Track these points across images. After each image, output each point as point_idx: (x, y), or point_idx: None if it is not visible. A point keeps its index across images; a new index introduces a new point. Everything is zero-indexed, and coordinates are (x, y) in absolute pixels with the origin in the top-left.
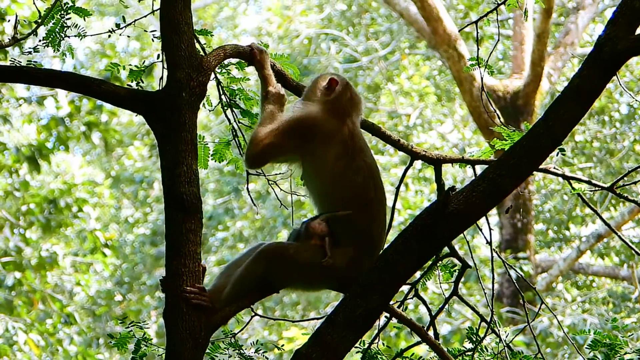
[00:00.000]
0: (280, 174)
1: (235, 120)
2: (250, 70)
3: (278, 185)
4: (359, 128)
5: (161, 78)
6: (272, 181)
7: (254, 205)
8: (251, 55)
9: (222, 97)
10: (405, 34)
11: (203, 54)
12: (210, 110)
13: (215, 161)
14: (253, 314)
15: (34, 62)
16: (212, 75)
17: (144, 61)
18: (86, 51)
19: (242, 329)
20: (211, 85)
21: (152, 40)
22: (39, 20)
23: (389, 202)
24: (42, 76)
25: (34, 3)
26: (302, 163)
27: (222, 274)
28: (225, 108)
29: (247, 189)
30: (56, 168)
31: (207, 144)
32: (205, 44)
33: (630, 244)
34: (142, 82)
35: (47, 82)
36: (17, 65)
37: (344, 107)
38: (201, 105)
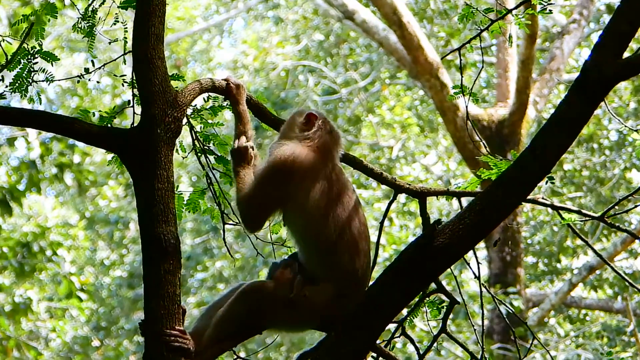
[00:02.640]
0: None
1: (209, 167)
2: (224, 115)
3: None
4: (339, 163)
5: (134, 114)
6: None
7: (230, 255)
8: (227, 90)
9: (196, 142)
10: (385, 63)
11: (177, 89)
12: (183, 158)
13: (189, 212)
14: (235, 357)
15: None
16: (185, 120)
17: (114, 107)
18: (57, 89)
19: None
20: (184, 131)
21: (122, 84)
22: (4, 64)
23: (373, 238)
24: (14, 115)
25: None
26: (282, 205)
27: (202, 316)
28: (199, 154)
29: (224, 238)
30: (28, 211)
31: (181, 193)
32: (181, 76)
33: (623, 275)
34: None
35: (19, 122)
36: None
37: (324, 142)
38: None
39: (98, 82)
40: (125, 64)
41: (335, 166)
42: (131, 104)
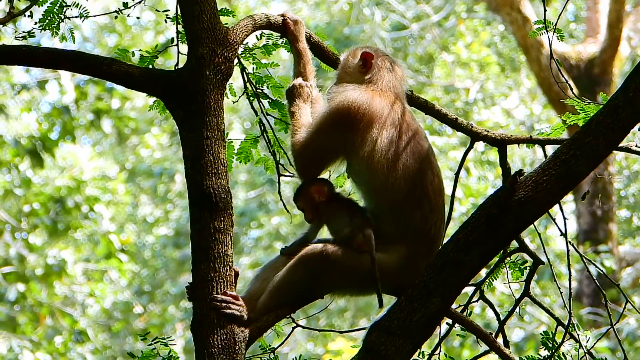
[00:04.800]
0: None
1: (263, 113)
2: (280, 54)
3: None
4: (407, 105)
5: (179, 54)
6: None
7: (287, 210)
8: (284, 27)
9: (248, 85)
10: None
11: (228, 26)
12: (234, 102)
13: (240, 162)
14: (294, 324)
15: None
16: (235, 61)
17: (156, 45)
18: (93, 26)
19: (282, 342)
20: (235, 72)
21: (166, 21)
22: None
23: (448, 190)
24: (44, 56)
25: None
26: (346, 156)
27: (257, 277)
28: (252, 98)
29: (279, 191)
30: (62, 162)
31: (231, 141)
32: (231, 11)
33: None
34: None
35: (49, 64)
36: (15, 45)
37: (388, 83)
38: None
39: (138, 17)
40: None
41: (404, 110)
42: (175, 43)
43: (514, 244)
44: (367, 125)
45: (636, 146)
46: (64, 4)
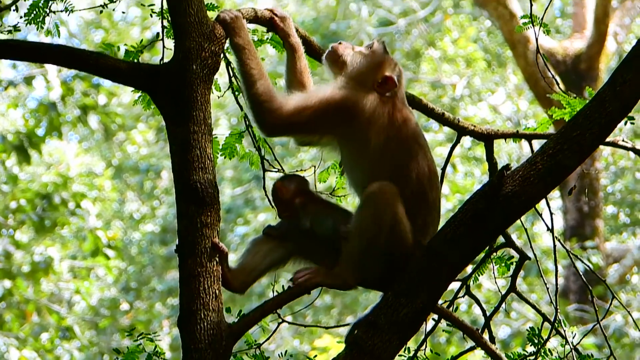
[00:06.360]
0: (302, 170)
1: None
2: (266, 50)
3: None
4: (407, 106)
5: (164, 48)
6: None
7: (273, 206)
8: (273, 24)
9: (233, 80)
10: None
11: (215, 20)
12: (218, 97)
13: (225, 157)
14: (280, 320)
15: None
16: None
17: (142, 40)
18: (79, 22)
19: (268, 338)
20: (221, 68)
21: (151, 15)
22: None
23: None
24: (31, 50)
25: None
26: (340, 148)
27: (248, 251)
28: (237, 93)
29: (264, 186)
30: (49, 158)
31: (216, 136)
32: (217, 6)
33: None
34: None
35: (36, 57)
36: (1, 39)
37: (397, 95)
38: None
39: (124, 12)
40: None
41: (403, 110)
42: (161, 37)
43: (501, 239)
44: (364, 124)
45: (623, 141)
46: None
